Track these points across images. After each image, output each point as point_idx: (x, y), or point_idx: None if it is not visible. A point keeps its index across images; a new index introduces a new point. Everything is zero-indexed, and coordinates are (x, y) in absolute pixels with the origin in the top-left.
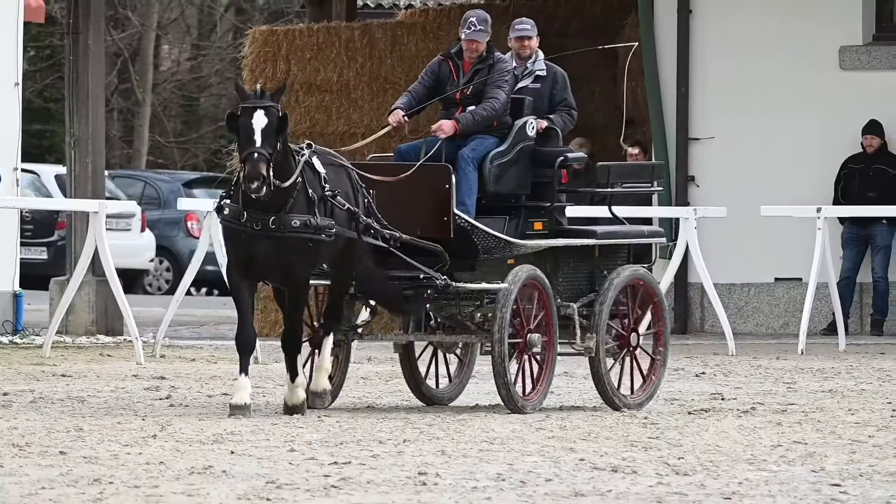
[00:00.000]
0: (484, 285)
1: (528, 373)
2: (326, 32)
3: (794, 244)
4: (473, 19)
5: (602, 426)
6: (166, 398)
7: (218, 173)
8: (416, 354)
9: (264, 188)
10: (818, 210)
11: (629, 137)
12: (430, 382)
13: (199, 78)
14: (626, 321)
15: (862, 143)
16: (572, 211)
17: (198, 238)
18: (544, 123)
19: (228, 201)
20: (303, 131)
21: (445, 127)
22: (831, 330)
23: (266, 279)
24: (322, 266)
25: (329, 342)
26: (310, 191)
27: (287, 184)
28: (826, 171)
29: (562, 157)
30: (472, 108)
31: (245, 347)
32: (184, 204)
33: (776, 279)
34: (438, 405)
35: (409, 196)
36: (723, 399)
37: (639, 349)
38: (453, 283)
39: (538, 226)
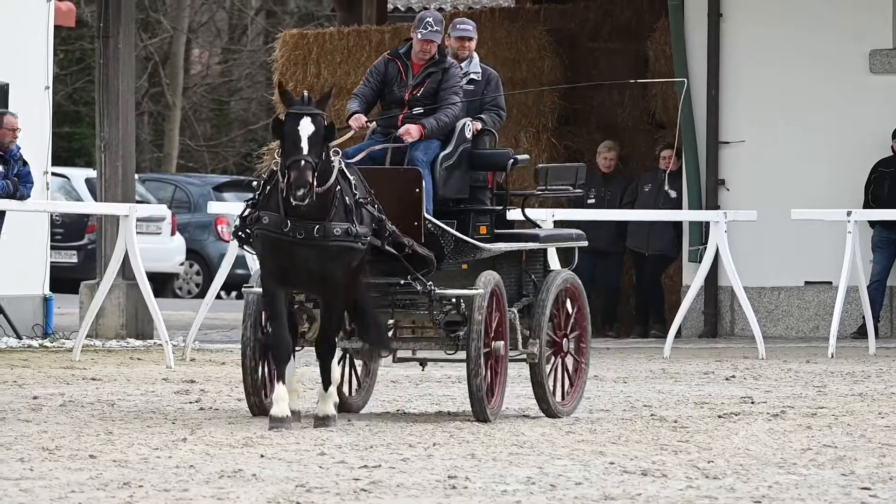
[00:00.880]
0: (462, 291)
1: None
2: (357, 36)
3: (825, 247)
4: (430, 20)
5: (632, 430)
6: (196, 402)
7: (248, 177)
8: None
9: (309, 197)
10: (848, 213)
11: (660, 141)
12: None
13: (229, 81)
14: (559, 326)
15: (892, 147)
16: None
17: (228, 242)
18: (479, 125)
19: (266, 211)
20: None
21: (413, 131)
22: (861, 333)
23: (304, 287)
24: None
25: (335, 367)
26: (346, 198)
27: (324, 188)
28: (856, 174)
29: (512, 160)
30: (434, 112)
31: (282, 356)
32: (214, 207)
33: (806, 283)
34: (350, 413)
35: (379, 200)
36: (753, 402)
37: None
38: (434, 290)
39: (483, 229)
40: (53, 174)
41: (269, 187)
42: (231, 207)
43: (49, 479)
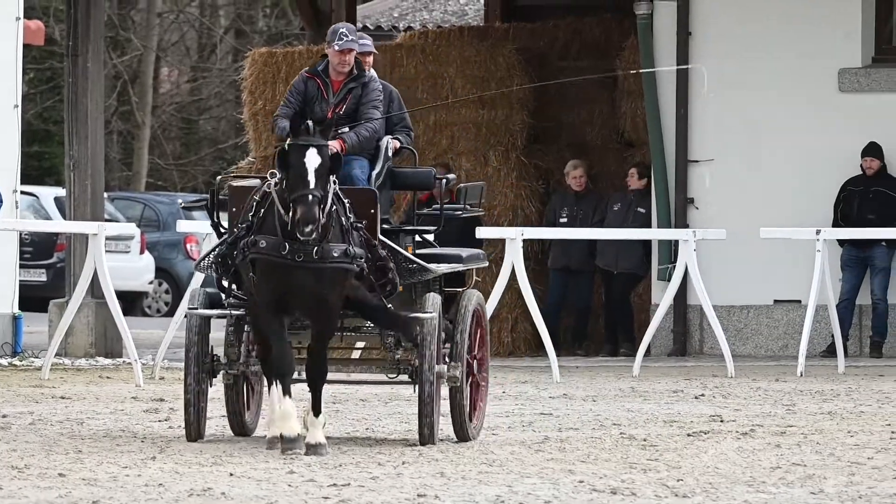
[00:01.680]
0: (418, 314)
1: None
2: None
3: (794, 266)
4: (344, 30)
5: (601, 448)
6: (165, 420)
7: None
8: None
9: (316, 231)
10: (817, 232)
11: (629, 160)
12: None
13: (198, 100)
14: (471, 348)
15: (861, 166)
16: (577, 233)
17: (195, 260)
18: (397, 143)
19: (262, 235)
20: None
21: (336, 146)
22: (830, 352)
23: (297, 311)
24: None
25: (275, 393)
26: (343, 219)
27: (325, 213)
28: (825, 193)
29: (444, 179)
30: (355, 128)
31: (285, 369)
32: (183, 226)
33: (775, 301)
34: (250, 436)
35: None
36: (722, 421)
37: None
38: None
39: (409, 249)
40: (22, 193)
41: (262, 210)
42: (200, 226)
43: (18, 497)
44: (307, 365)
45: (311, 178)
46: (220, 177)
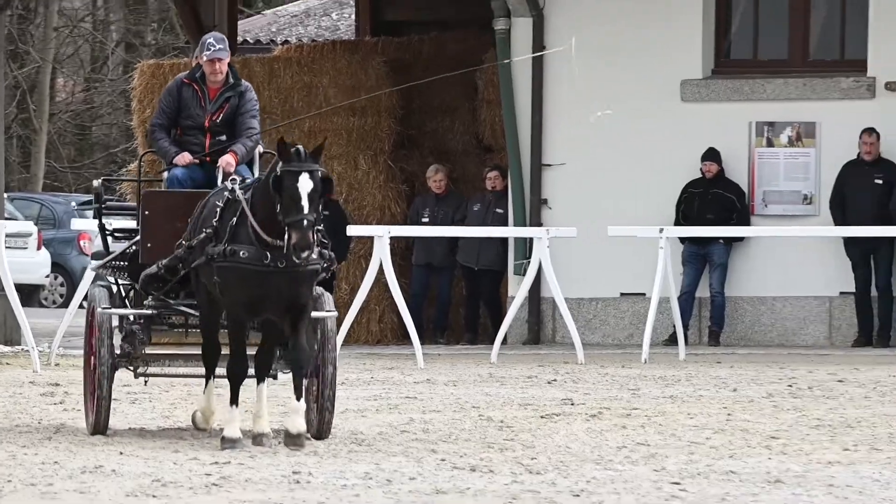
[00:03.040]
0: (319, 313)
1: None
2: None
3: (639, 262)
4: (211, 40)
5: (461, 429)
6: (60, 403)
7: (109, 197)
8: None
9: (311, 256)
10: (661, 230)
11: (488, 163)
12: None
13: (91, 108)
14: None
15: (701, 169)
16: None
17: (89, 255)
18: (261, 148)
19: (238, 244)
20: None
21: (231, 160)
22: (672, 341)
23: (270, 314)
24: None
25: (265, 389)
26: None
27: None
28: (668, 194)
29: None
30: (241, 139)
31: (240, 380)
32: (77, 224)
33: (622, 294)
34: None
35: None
36: (572, 404)
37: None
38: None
39: None
40: None
41: (233, 219)
42: (92, 224)
43: None
44: (293, 356)
45: (305, 202)
46: (96, 182)
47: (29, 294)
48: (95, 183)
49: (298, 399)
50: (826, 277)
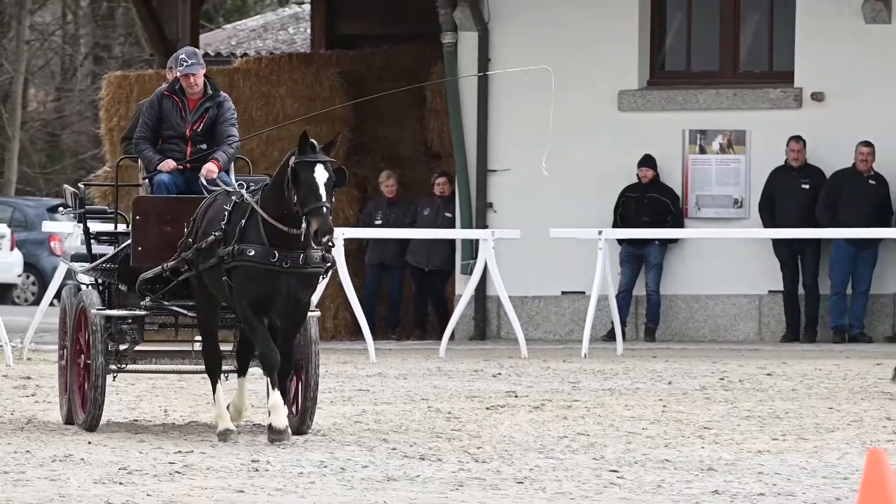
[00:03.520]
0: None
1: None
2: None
3: (579, 262)
4: (184, 56)
5: (411, 420)
6: (32, 395)
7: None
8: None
9: (332, 241)
10: (599, 232)
11: (436, 169)
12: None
13: (61, 117)
14: None
15: (638, 175)
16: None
17: (59, 256)
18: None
19: (247, 244)
20: None
21: (214, 168)
22: (610, 337)
23: (276, 312)
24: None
25: (245, 383)
26: None
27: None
28: (607, 198)
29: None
30: (222, 147)
31: (273, 364)
32: (48, 226)
33: (563, 292)
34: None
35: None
36: (516, 396)
37: None
38: None
39: None
40: None
41: (242, 221)
42: (62, 226)
43: None
44: (269, 360)
45: (323, 191)
46: (71, 187)
47: (2, 292)
48: (70, 188)
49: (283, 397)
50: (756, 277)
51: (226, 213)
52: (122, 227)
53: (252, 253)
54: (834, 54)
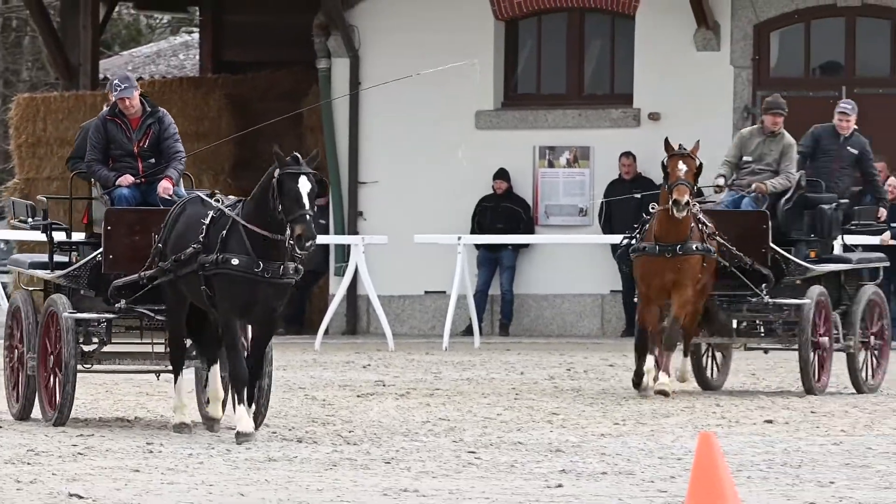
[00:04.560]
0: None
1: None
2: (76, 99)
3: (440, 264)
4: (116, 81)
5: (290, 406)
6: None
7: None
8: None
9: (314, 246)
10: (459, 238)
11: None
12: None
13: None
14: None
15: (493, 186)
16: None
17: None
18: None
19: (231, 253)
20: (57, 176)
21: (168, 185)
22: (468, 332)
23: (253, 319)
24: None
25: (217, 372)
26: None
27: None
28: (465, 207)
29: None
30: (171, 163)
31: (242, 382)
32: None
33: (426, 292)
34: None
35: None
36: (384, 385)
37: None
38: None
39: None
40: None
41: (223, 232)
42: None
43: None
44: (240, 377)
45: (306, 200)
46: (41, 197)
47: None
48: (20, 200)
49: (249, 405)
50: (598, 278)
51: (203, 226)
52: (78, 236)
53: (236, 262)
54: (669, 78)
